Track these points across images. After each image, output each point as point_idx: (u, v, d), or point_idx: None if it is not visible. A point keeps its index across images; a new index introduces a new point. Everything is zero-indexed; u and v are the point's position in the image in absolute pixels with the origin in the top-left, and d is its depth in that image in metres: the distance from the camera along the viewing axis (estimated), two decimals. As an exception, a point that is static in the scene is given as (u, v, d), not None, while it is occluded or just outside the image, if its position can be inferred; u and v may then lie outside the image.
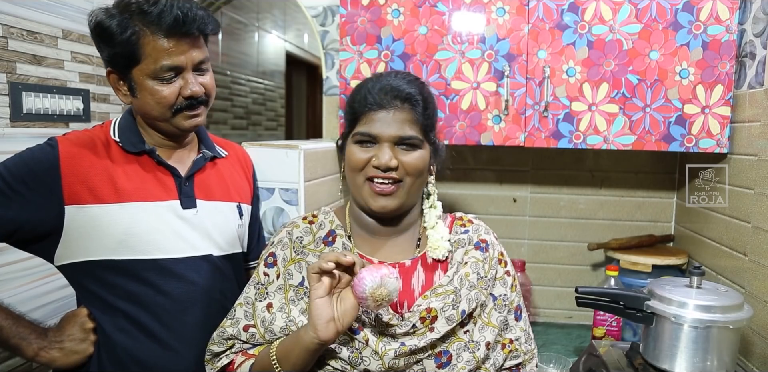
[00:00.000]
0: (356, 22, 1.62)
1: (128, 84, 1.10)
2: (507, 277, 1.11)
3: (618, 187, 1.91)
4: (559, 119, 1.57)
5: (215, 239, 1.21)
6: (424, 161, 1.05)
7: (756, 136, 1.40)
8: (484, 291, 1.06)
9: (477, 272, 1.07)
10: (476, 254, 1.09)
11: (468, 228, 1.13)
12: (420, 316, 0.99)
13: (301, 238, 1.10)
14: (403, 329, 0.99)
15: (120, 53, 1.07)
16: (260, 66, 4.34)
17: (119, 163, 1.13)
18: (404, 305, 1.04)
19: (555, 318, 1.96)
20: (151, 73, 1.07)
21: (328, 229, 1.11)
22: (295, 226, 1.13)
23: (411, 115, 1.02)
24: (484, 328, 1.05)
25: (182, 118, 1.13)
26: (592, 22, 1.53)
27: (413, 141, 1.02)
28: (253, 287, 1.09)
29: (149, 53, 1.06)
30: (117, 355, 1.12)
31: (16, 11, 1.45)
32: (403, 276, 1.06)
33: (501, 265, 1.11)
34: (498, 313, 1.08)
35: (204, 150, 1.25)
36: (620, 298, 1.26)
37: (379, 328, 0.99)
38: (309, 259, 1.08)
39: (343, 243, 1.09)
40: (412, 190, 1.05)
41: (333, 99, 1.94)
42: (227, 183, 1.27)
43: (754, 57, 1.43)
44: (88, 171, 1.10)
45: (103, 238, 1.10)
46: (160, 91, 1.08)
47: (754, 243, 1.36)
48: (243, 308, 1.08)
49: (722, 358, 1.17)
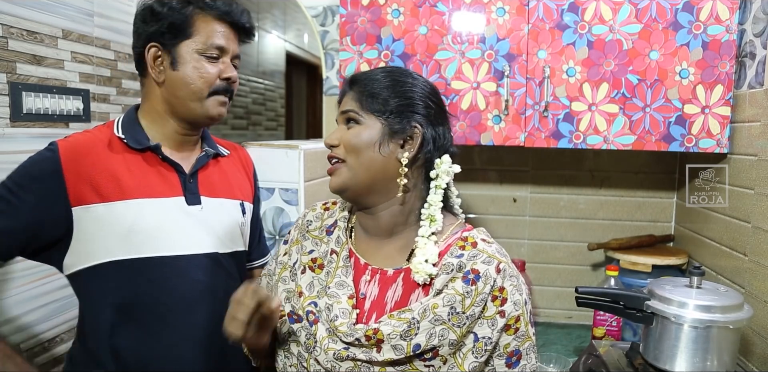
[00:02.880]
0: (356, 22, 1.62)
1: (171, 58, 1.14)
2: (499, 318, 0.95)
3: (618, 187, 1.91)
4: (559, 119, 1.57)
5: (220, 236, 1.20)
6: (367, 138, 0.99)
7: (756, 136, 1.40)
8: (456, 329, 0.93)
9: (452, 306, 0.93)
10: (458, 285, 0.94)
11: (465, 252, 0.98)
12: (365, 334, 0.93)
13: (309, 222, 1.13)
14: (348, 339, 0.94)
15: (171, 26, 1.12)
16: (260, 66, 4.34)
17: (123, 160, 1.13)
18: (372, 317, 0.99)
19: (555, 318, 1.96)
20: (200, 49, 1.14)
21: (335, 219, 1.11)
22: (312, 209, 1.16)
23: (353, 95, 1.02)
24: (453, 368, 0.94)
25: (214, 102, 1.16)
26: (592, 22, 1.53)
27: (349, 114, 1.01)
28: (275, 261, 1.15)
29: (201, 31, 1.14)
30: (120, 356, 1.12)
31: (16, 11, 1.45)
32: (381, 285, 1.01)
33: (494, 302, 0.95)
34: (474, 357, 0.94)
35: (207, 147, 1.25)
36: (620, 298, 1.26)
37: (329, 327, 0.97)
38: (305, 244, 1.09)
39: (338, 236, 1.07)
40: (359, 171, 0.99)
41: (333, 99, 1.94)
42: (230, 180, 1.27)
43: (754, 57, 1.43)
44: (90, 170, 1.10)
45: (108, 238, 1.10)
46: (205, 67, 1.14)
47: (754, 243, 1.36)
48: (266, 279, 1.15)
49: (722, 358, 1.17)
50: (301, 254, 1.08)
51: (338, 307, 0.98)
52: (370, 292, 1.01)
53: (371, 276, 1.03)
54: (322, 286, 1.02)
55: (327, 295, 1.01)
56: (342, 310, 0.98)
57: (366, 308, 1.00)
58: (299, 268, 1.07)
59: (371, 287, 1.02)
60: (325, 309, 0.99)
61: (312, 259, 1.06)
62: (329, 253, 1.06)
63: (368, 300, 1.01)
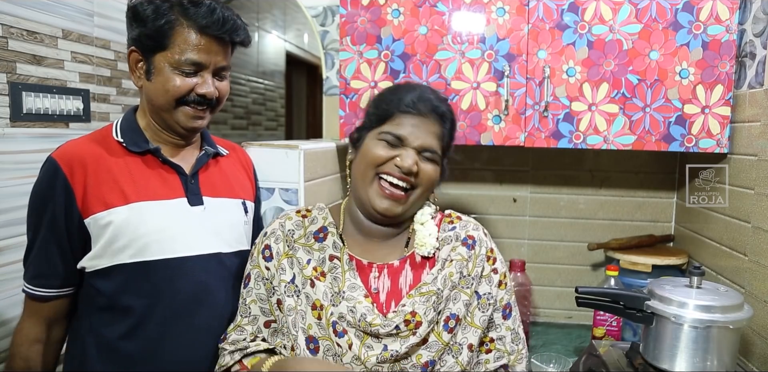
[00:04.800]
0: (356, 22, 1.62)
1: (147, 66, 1.11)
2: (494, 274, 1.10)
3: (618, 187, 1.91)
4: (559, 119, 1.57)
5: (223, 236, 1.20)
6: (437, 176, 1.07)
7: (756, 136, 1.40)
8: (466, 290, 1.06)
9: (460, 271, 1.06)
10: (462, 251, 1.08)
11: (456, 224, 1.13)
12: (404, 318, 1.00)
13: (292, 232, 1.11)
14: (386, 330, 0.98)
15: (150, 35, 1.08)
16: (260, 66, 4.34)
17: (124, 164, 1.13)
18: (390, 305, 1.04)
19: (555, 318, 1.96)
20: (173, 63, 1.08)
21: (320, 224, 1.11)
22: (287, 218, 1.13)
23: (440, 130, 1.06)
24: (466, 328, 1.04)
25: (184, 114, 1.12)
26: (592, 22, 1.53)
27: (434, 155, 1.05)
28: (261, 283, 1.10)
29: (178, 43, 1.08)
30: (121, 358, 1.11)
31: (16, 11, 1.45)
32: (391, 276, 1.07)
33: (489, 262, 1.10)
34: (481, 312, 1.06)
35: (206, 147, 1.25)
36: (620, 298, 1.26)
37: (363, 328, 0.99)
38: (299, 255, 1.08)
39: (334, 241, 1.09)
40: (418, 202, 1.08)
41: (333, 99, 1.94)
42: (230, 180, 1.27)
43: (754, 57, 1.43)
44: (94, 180, 1.09)
45: (114, 243, 1.09)
46: (174, 80, 1.09)
47: (754, 243, 1.36)
48: (258, 305, 1.10)
49: (722, 358, 1.16)
50: (300, 268, 1.07)
51: (361, 307, 1.01)
52: (382, 286, 1.05)
53: (379, 272, 1.07)
54: (336, 293, 1.03)
55: (345, 299, 1.02)
56: (366, 308, 1.01)
57: (382, 301, 1.04)
58: (304, 282, 1.06)
59: (382, 281, 1.06)
60: (348, 312, 1.00)
61: (314, 268, 1.07)
62: (329, 259, 1.07)
63: (382, 293, 1.06)
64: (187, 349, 1.14)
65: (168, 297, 1.12)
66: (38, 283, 1.13)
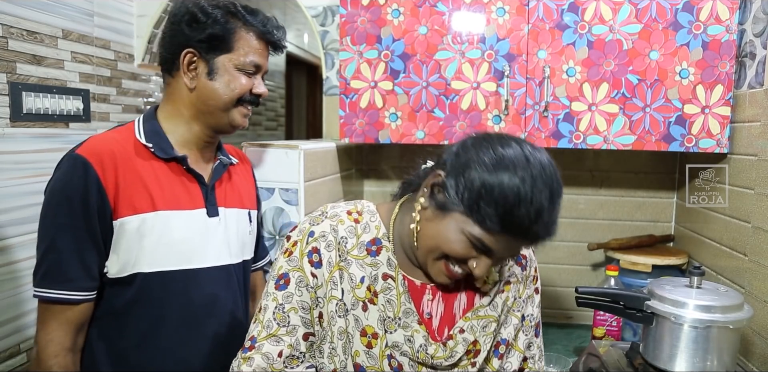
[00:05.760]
0: (356, 22, 1.62)
1: (209, 67, 1.14)
2: (536, 294, 1.05)
3: (618, 187, 1.91)
4: (559, 119, 1.57)
5: (232, 247, 1.20)
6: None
7: (756, 136, 1.40)
8: (516, 313, 1.01)
9: (514, 295, 1.00)
10: (517, 271, 1.01)
11: None
12: (467, 349, 0.93)
13: (345, 240, 0.95)
14: (450, 361, 0.92)
15: (214, 37, 1.13)
16: (260, 66, 4.33)
17: (151, 168, 1.11)
18: (443, 331, 0.95)
19: (555, 318, 1.96)
20: (239, 64, 1.15)
21: (373, 235, 0.96)
22: (340, 221, 0.96)
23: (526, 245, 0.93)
24: (511, 352, 1.00)
25: (239, 112, 1.18)
26: (592, 22, 1.53)
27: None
28: (304, 290, 0.93)
29: (241, 46, 1.15)
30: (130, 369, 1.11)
31: (16, 11, 1.45)
32: (446, 300, 0.97)
33: (533, 282, 1.05)
34: (524, 335, 1.03)
35: (221, 157, 1.24)
36: (620, 298, 1.26)
37: (422, 360, 0.92)
38: (352, 270, 0.93)
39: (389, 258, 0.95)
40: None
41: (333, 99, 1.94)
42: (240, 190, 1.27)
43: (754, 57, 1.43)
44: (123, 181, 1.07)
45: (134, 250, 1.08)
46: (240, 79, 1.16)
47: (754, 243, 1.36)
48: (299, 314, 0.93)
49: (722, 358, 1.16)
50: (352, 286, 0.93)
51: (418, 336, 0.93)
52: (435, 310, 0.97)
53: (433, 295, 0.97)
54: (390, 318, 0.93)
55: (401, 327, 0.92)
56: (423, 337, 0.93)
57: (435, 326, 0.96)
58: (355, 303, 0.93)
59: (435, 305, 0.97)
60: (405, 342, 0.91)
61: (368, 287, 0.93)
62: (382, 278, 0.94)
63: (435, 318, 0.96)
64: (197, 359, 1.14)
65: (180, 307, 1.12)
66: (69, 287, 1.05)
